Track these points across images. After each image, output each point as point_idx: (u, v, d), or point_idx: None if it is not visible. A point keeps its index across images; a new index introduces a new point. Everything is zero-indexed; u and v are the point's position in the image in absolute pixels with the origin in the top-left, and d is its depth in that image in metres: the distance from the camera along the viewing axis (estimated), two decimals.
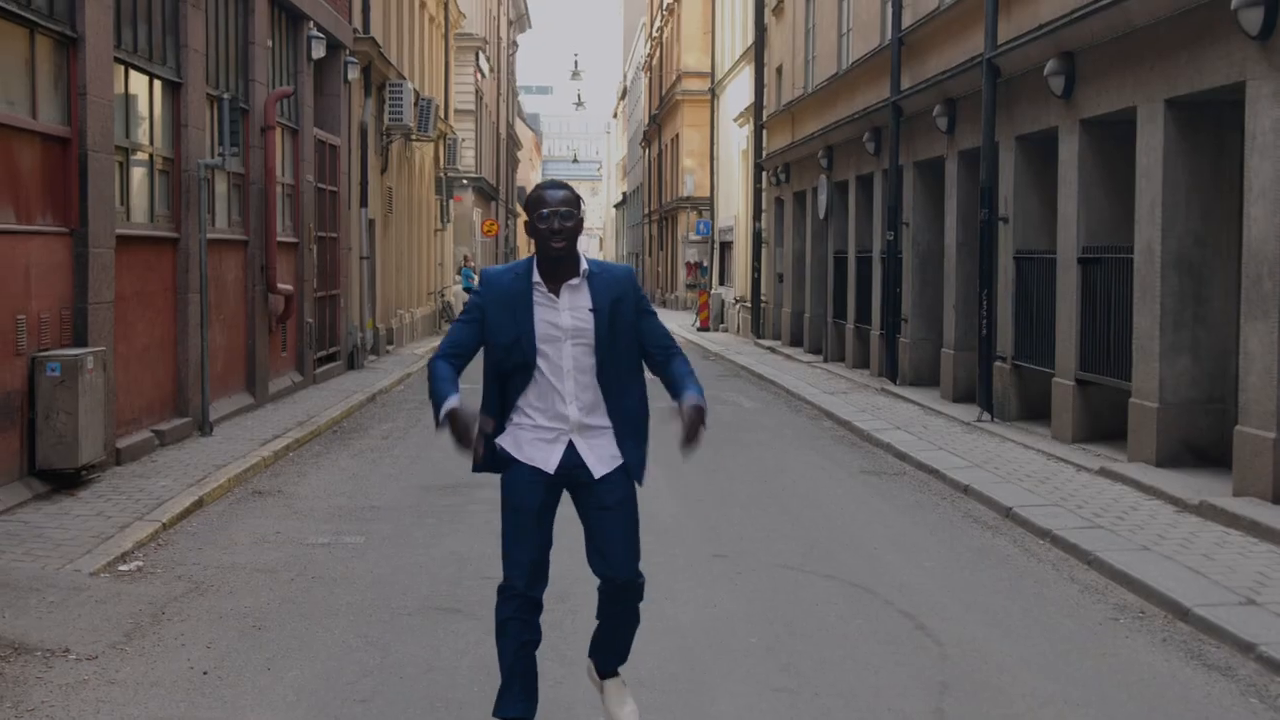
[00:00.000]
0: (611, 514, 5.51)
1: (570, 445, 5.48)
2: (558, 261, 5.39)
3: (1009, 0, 16.16)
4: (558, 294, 5.41)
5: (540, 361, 5.41)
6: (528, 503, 5.49)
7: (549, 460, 5.48)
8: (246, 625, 7.68)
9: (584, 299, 5.42)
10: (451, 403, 5.19)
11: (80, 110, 11.86)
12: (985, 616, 8.10)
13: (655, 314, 5.66)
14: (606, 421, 5.51)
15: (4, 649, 6.96)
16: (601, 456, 5.51)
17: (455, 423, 5.14)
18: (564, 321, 5.40)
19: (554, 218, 5.32)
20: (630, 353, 5.51)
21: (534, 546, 5.51)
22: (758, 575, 9.06)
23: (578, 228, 5.38)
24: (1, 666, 6.71)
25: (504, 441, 5.54)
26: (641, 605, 5.75)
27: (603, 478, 5.50)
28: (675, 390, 5.50)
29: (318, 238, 21.42)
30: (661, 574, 8.71)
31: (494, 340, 5.42)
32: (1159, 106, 12.41)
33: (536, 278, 5.41)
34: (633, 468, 5.56)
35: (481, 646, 7.18)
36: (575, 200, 5.41)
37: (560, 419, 5.46)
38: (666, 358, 5.58)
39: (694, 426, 5.32)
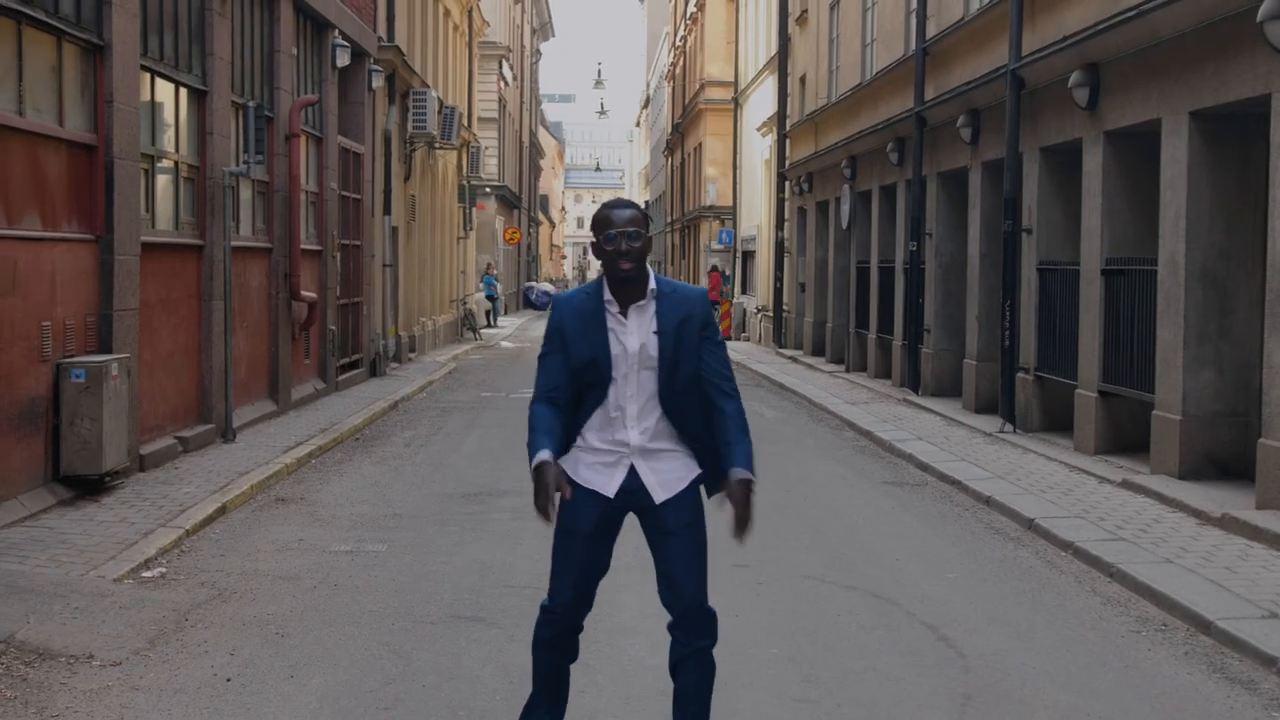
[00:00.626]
0: (675, 539, 5.33)
1: (631, 469, 5.32)
2: (626, 282, 5.24)
3: (1033, 11, 16.15)
4: (626, 315, 5.27)
5: (611, 383, 5.28)
6: (580, 526, 5.32)
7: (608, 485, 5.32)
8: (269, 633, 7.71)
9: (650, 320, 5.27)
10: (542, 455, 5.10)
11: (106, 118, 11.92)
12: (1007, 628, 8.09)
13: (723, 345, 5.44)
14: (672, 445, 5.36)
15: (28, 654, 6.99)
16: (665, 481, 5.34)
17: (539, 477, 5.06)
18: (631, 345, 5.25)
19: (621, 239, 5.17)
20: (691, 377, 5.32)
21: (581, 571, 5.35)
22: (779, 585, 9.06)
23: (646, 247, 5.22)
24: (26, 672, 6.75)
25: (564, 463, 5.35)
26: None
27: (666, 503, 5.33)
28: (724, 449, 5.32)
29: (341, 245, 21.48)
30: None
31: (573, 360, 5.27)
32: (1184, 118, 12.39)
33: (608, 296, 5.28)
34: (710, 479, 5.44)
35: (504, 655, 7.20)
36: (643, 219, 5.25)
37: (621, 444, 5.31)
38: (720, 395, 5.35)
39: (745, 509, 5.26)
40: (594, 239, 5.29)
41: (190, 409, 14.48)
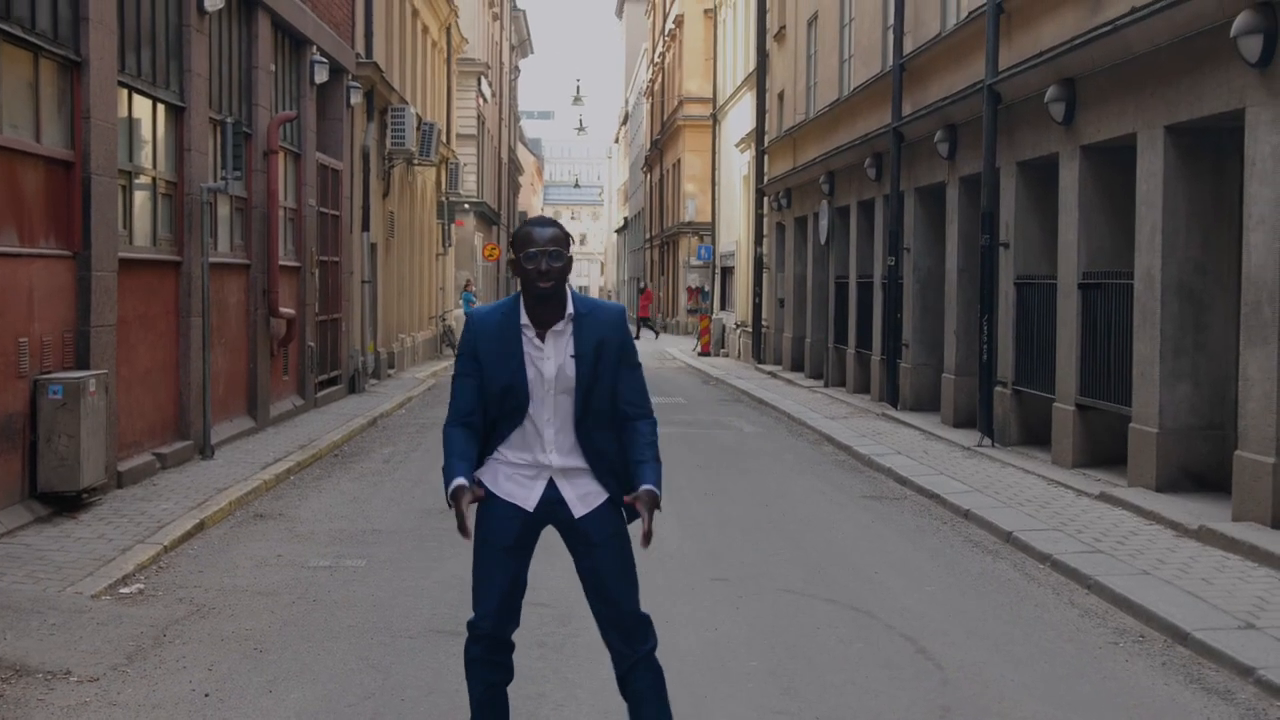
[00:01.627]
0: (601, 550, 5.28)
1: (551, 481, 5.28)
2: (544, 301, 5.17)
3: (1010, 27, 16.23)
4: (543, 339, 5.21)
5: (529, 408, 5.23)
6: (500, 538, 5.26)
7: (528, 498, 5.27)
8: (248, 648, 7.68)
9: (568, 344, 5.21)
10: (457, 481, 5.10)
11: (84, 134, 11.90)
12: (986, 641, 8.11)
13: (639, 367, 5.39)
14: (584, 463, 5.30)
15: (5, 671, 6.97)
16: (583, 495, 5.29)
17: (456, 503, 5.07)
18: (548, 370, 5.19)
19: (542, 257, 5.09)
20: (605, 398, 5.27)
21: (504, 585, 5.26)
22: (758, 599, 9.06)
23: (567, 268, 5.14)
24: (2, 689, 6.72)
25: (483, 475, 5.33)
26: None
27: (585, 516, 5.28)
28: (634, 467, 5.25)
29: (320, 262, 21.45)
30: (662, 598, 8.72)
31: (489, 386, 5.22)
32: (1159, 133, 12.46)
33: (525, 320, 5.21)
34: (618, 502, 5.33)
35: None
36: (565, 239, 5.17)
37: (540, 465, 5.27)
38: (635, 415, 5.30)
39: (650, 519, 5.13)
40: (513, 255, 5.19)
41: (168, 425, 14.44)
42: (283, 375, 19.31)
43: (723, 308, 44.19)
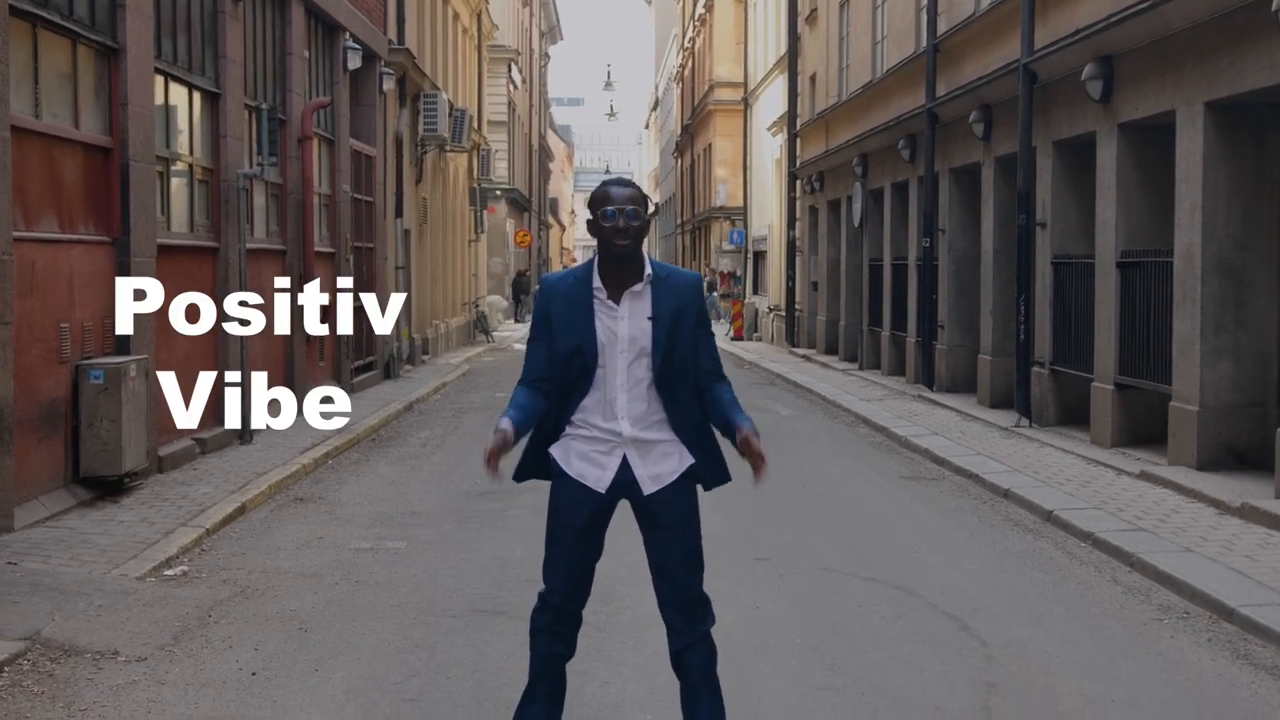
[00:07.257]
0: (669, 533, 5.30)
1: (624, 461, 5.26)
2: (621, 262, 5.17)
3: (1045, 5, 16.13)
4: (619, 301, 5.20)
5: (597, 371, 5.22)
6: (572, 519, 5.29)
7: (600, 479, 5.26)
8: (293, 628, 7.73)
9: (645, 307, 5.20)
10: (502, 423, 5.14)
11: (121, 120, 11.95)
12: (1029, 618, 8.09)
13: (712, 335, 5.45)
14: (663, 435, 5.28)
15: (54, 651, 7.02)
16: (656, 473, 5.28)
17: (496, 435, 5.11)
18: (622, 331, 5.17)
19: (620, 215, 5.11)
20: (686, 364, 5.26)
21: (573, 562, 5.33)
22: (800, 578, 9.06)
23: (644, 228, 5.19)
24: (52, 668, 6.78)
25: (555, 451, 5.34)
26: None
27: (655, 496, 5.28)
28: (723, 419, 5.30)
29: (354, 248, 21.51)
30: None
31: (557, 349, 5.22)
32: (1198, 109, 12.37)
33: (597, 283, 5.20)
34: (705, 473, 5.37)
35: (527, 647, 7.19)
36: (642, 199, 5.20)
37: (613, 433, 5.24)
38: (711, 381, 5.35)
39: (759, 453, 5.19)
40: (590, 216, 5.24)
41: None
42: (319, 361, 19.37)
43: (755, 292, 44.11)
